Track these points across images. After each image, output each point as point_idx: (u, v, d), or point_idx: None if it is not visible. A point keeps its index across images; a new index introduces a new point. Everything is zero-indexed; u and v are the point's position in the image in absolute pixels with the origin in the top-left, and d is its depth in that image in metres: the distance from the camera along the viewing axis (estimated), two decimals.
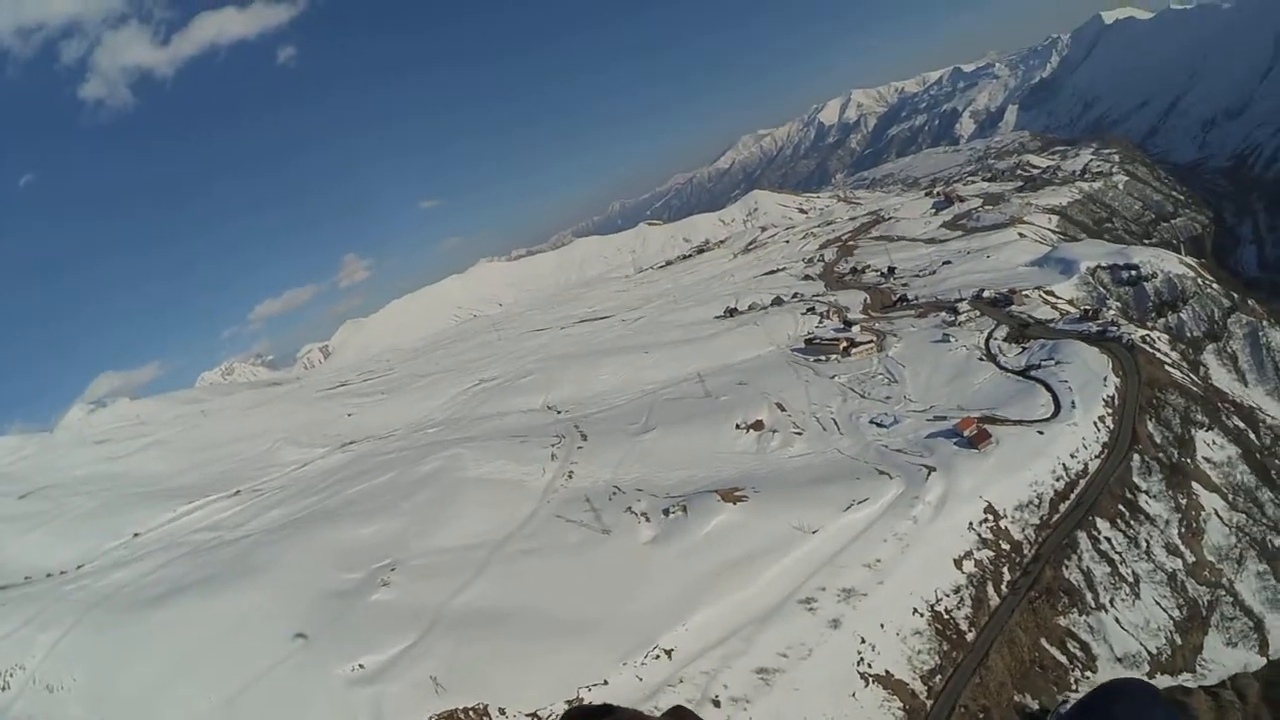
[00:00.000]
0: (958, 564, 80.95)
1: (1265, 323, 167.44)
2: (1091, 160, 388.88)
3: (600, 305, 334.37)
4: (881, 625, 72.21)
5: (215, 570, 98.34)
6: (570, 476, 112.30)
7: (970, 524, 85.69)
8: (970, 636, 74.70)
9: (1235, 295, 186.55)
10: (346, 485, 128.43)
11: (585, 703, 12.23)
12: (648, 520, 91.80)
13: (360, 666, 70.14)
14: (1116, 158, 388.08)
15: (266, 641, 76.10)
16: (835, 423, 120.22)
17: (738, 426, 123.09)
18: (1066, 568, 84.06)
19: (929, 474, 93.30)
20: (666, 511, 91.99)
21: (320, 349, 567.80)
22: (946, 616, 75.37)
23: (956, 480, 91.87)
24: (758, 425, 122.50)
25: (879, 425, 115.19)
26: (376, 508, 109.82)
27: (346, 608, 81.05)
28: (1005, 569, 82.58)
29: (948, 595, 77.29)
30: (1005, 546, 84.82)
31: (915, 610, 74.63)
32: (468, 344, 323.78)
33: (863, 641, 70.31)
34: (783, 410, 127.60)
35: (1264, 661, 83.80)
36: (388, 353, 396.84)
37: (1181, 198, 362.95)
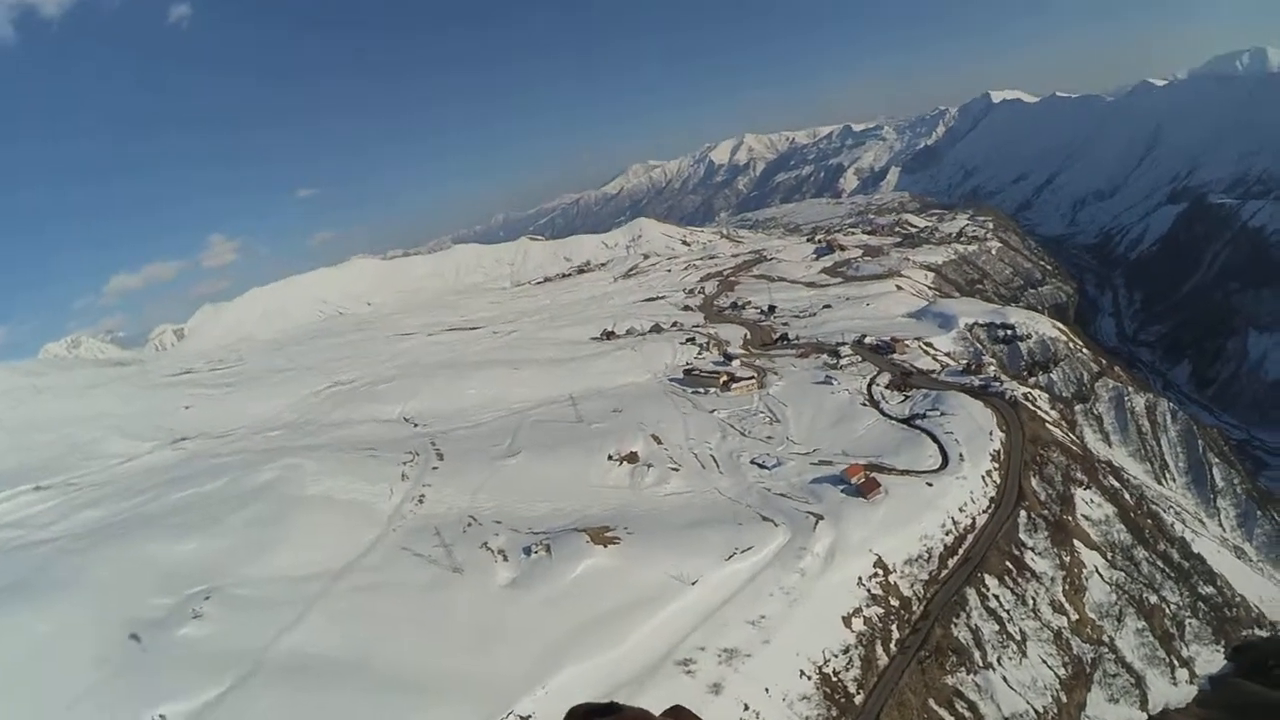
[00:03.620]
0: (847, 622, 79.13)
1: (1129, 388, 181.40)
2: (967, 225, 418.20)
3: (473, 315, 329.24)
4: (766, 690, 68.68)
5: (8, 580, 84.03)
6: (421, 501, 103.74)
7: (860, 579, 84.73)
8: (859, 700, 72.66)
9: (1103, 361, 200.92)
10: (171, 489, 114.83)
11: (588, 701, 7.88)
12: (506, 559, 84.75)
13: (161, 717, 59.73)
14: (991, 225, 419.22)
15: (58, 678, 65.36)
16: (715, 460, 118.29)
17: (610, 458, 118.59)
18: (955, 625, 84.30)
19: (816, 523, 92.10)
20: (528, 550, 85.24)
21: (175, 331, 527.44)
22: (835, 679, 72.82)
23: (846, 531, 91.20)
24: (632, 457, 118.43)
25: (761, 466, 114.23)
26: (200, 520, 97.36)
27: (151, 641, 70.37)
28: (894, 627, 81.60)
29: (836, 656, 74.92)
30: (895, 603, 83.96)
31: (802, 673, 71.65)
32: (328, 341, 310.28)
33: (746, 709, 66.39)
34: (659, 443, 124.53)
35: (1145, 717, 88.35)
36: (242, 342, 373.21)
37: (1049, 267, 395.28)
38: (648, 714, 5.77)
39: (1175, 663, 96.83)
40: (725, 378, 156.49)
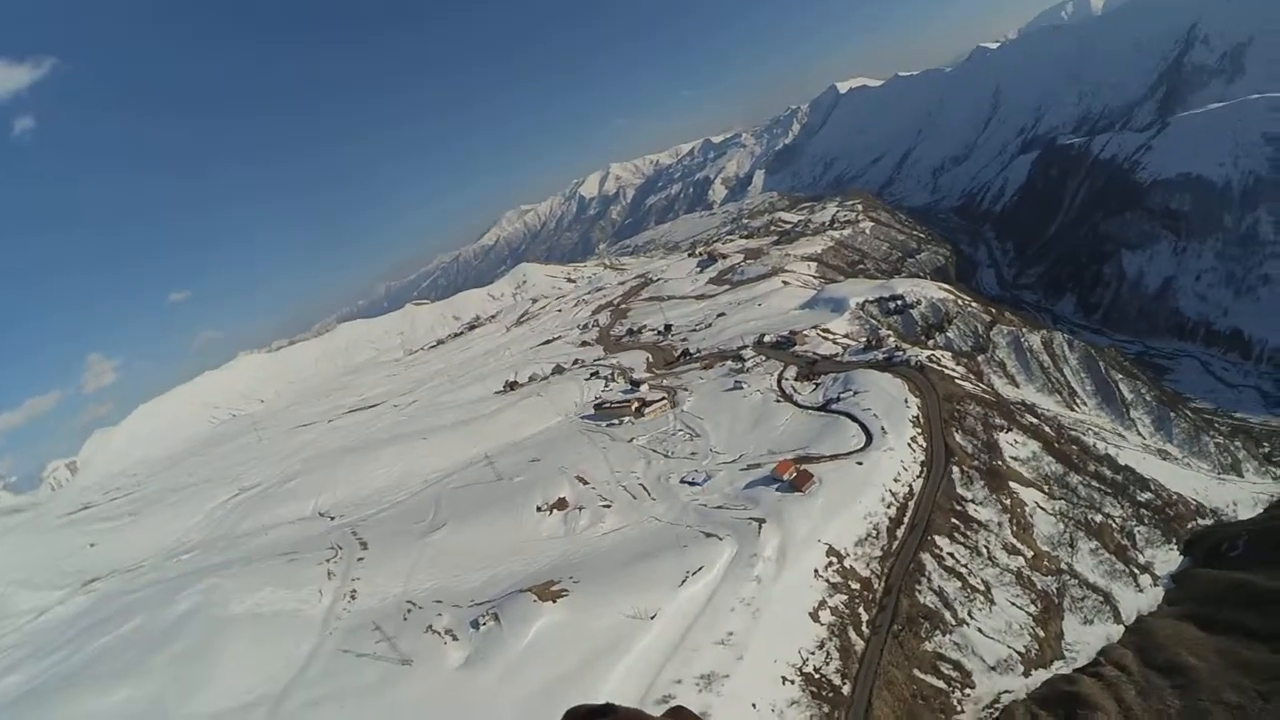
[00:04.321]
0: (814, 616, 78.28)
1: (1023, 330, 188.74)
2: (838, 212, 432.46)
3: (370, 392, 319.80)
4: (754, 705, 66.90)
5: None
6: (353, 597, 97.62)
7: (816, 571, 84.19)
8: (846, 690, 71.58)
9: (992, 310, 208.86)
10: (89, 638, 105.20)
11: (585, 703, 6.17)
12: (455, 639, 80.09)
13: None
14: (860, 207, 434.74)
15: None
16: (645, 488, 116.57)
17: (539, 509, 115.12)
18: (919, 592, 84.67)
19: (760, 527, 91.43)
20: (475, 624, 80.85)
21: (68, 465, 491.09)
22: (818, 676, 71.48)
23: (790, 528, 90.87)
24: (561, 504, 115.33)
25: (692, 484, 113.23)
26: (125, 666, 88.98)
27: None
28: (862, 609, 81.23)
29: (813, 653, 73.80)
30: (856, 586, 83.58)
31: (784, 679, 70.16)
32: (226, 447, 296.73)
33: None
34: (585, 484, 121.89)
35: (1122, 630, 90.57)
36: (138, 465, 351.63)
37: (923, 236, 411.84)
38: (645, 714, 5.70)
39: (1135, 571, 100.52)
40: (637, 404, 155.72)
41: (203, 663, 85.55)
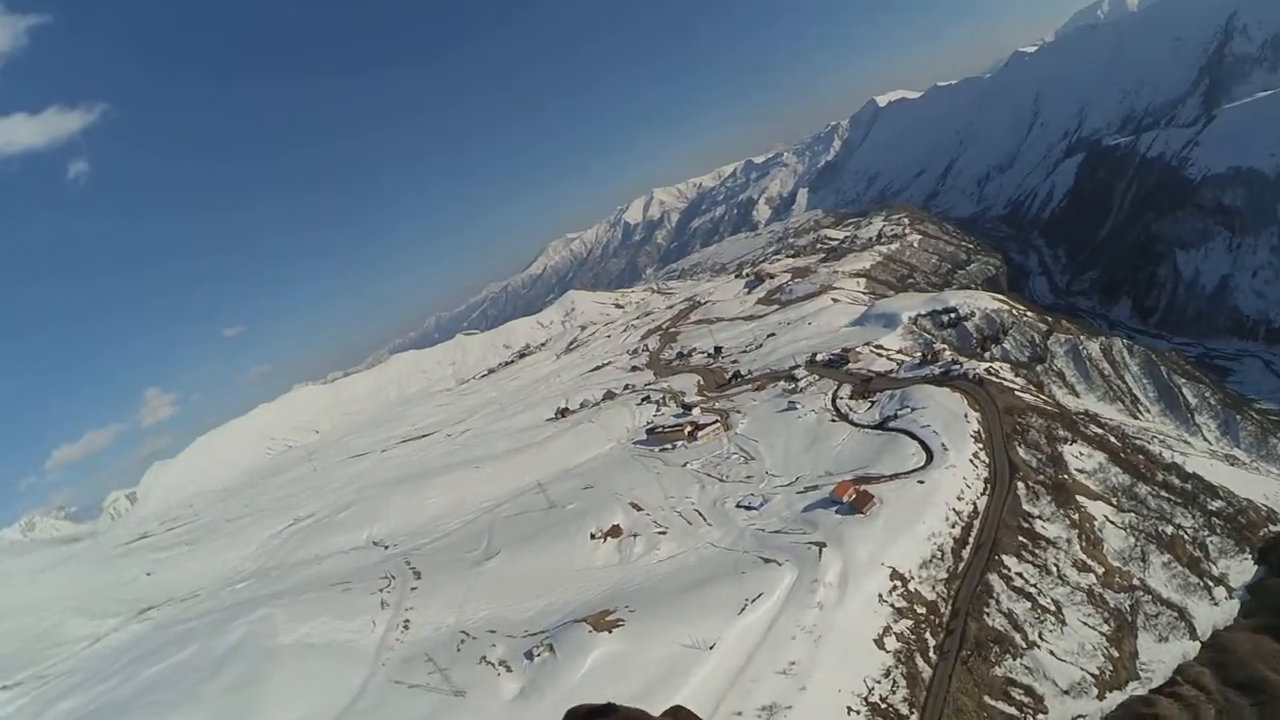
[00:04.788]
0: (879, 644, 75.52)
1: (1081, 337, 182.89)
2: (884, 226, 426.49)
3: (423, 422, 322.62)
4: None
5: None
6: (406, 627, 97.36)
7: (880, 596, 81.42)
8: (915, 719, 67.61)
9: (1048, 319, 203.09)
10: (142, 666, 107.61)
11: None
12: (509, 670, 79.11)
13: None
14: (906, 221, 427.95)
15: None
16: (700, 514, 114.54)
17: (593, 536, 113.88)
18: (988, 615, 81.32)
19: (820, 551, 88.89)
20: (530, 655, 79.80)
21: (127, 496, 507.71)
22: (884, 705, 68.94)
23: (851, 551, 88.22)
24: (615, 531, 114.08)
25: (748, 508, 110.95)
26: (176, 696, 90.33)
27: None
28: (929, 634, 78.24)
29: (879, 681, 71.15)
30: (921, 610, 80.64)
31: (850, 709, 67.78)
32: (282, 478, 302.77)
33: None
34: (639, 510, 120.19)
35: (1199, 646, 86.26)
36: (195, 496, 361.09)
37: (971, 246, 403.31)
38: (645, 714, 5.69)
39: (1209, 583, 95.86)
40: (689, 428, 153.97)
41: (253, 693, 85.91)
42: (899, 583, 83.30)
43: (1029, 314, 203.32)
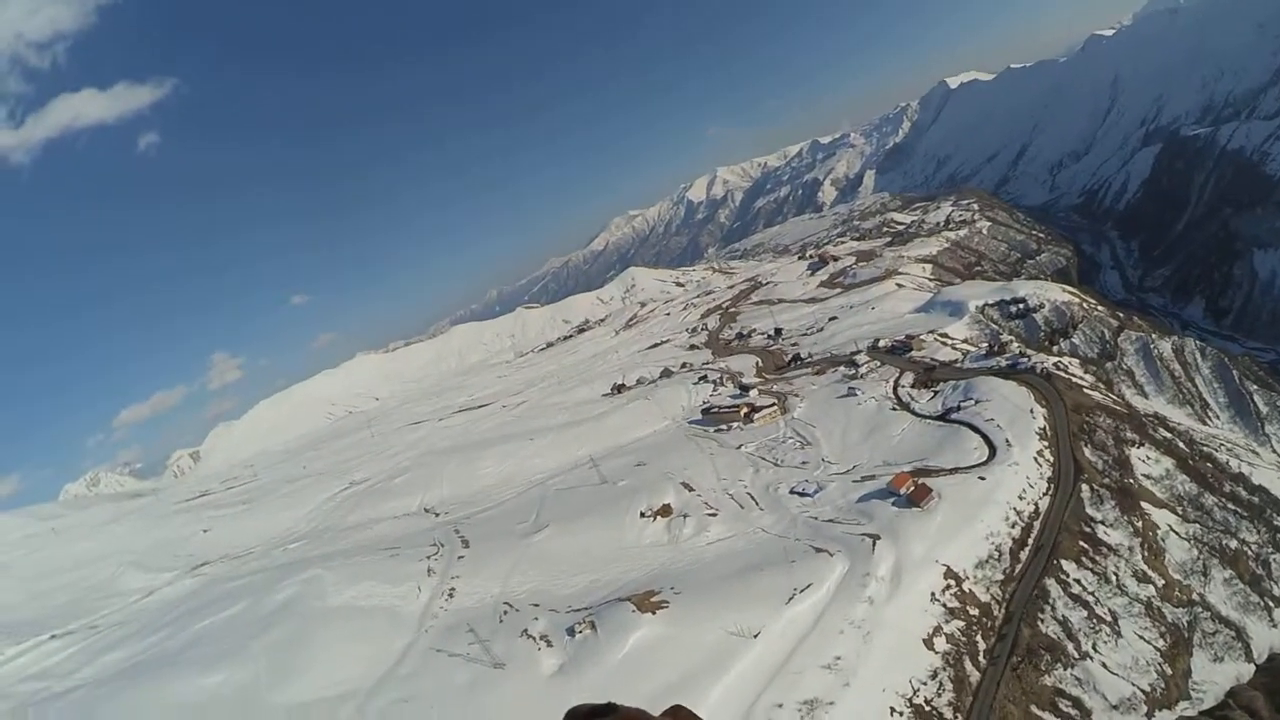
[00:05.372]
0: (928, 644, 73.68)
1: (1153, 336, 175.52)
2: (952, 212, 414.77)
3: (480, 393, 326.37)
4: None
5: None
6: (451, 595, 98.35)
7: (932, 594, 79.34)
8: None
9: (1119, 315, 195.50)
10: (192, 620, 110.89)
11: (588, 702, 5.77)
12: (549, 645, 79.32)
13: None
14: (976, 207, 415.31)
15: None
16: (752, 498, 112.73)
17: (643, 515, 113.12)
18: (1042, 621, 78.68)
19: (874, 544, 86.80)
20: (572, 631, 79.86)
21: (190, 455, 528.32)
22: (929, 709, 67.41)
23: (906, 546, 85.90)
24: (665, 511, 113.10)
25: (802, 495, 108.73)
26: (223, 650, 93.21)
27: None
28: (979, 637, 76.07)
29: (925, 683, 69.51)
30: (974, 612, 78.36)
31: (893, 710, 66.47)
32: (340, 443, 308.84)
33: None
34: (691, 490, 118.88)
35: (1253, 669, 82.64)
36: (257, 457, 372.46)
37: (1042, 235, 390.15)
38: (645, 713, 5.58)
39: (1270, 604, 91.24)
40: (746, 409, 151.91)
41: (298, 652, 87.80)
42: (953, 582, 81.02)
43: (1100, 308, 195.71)
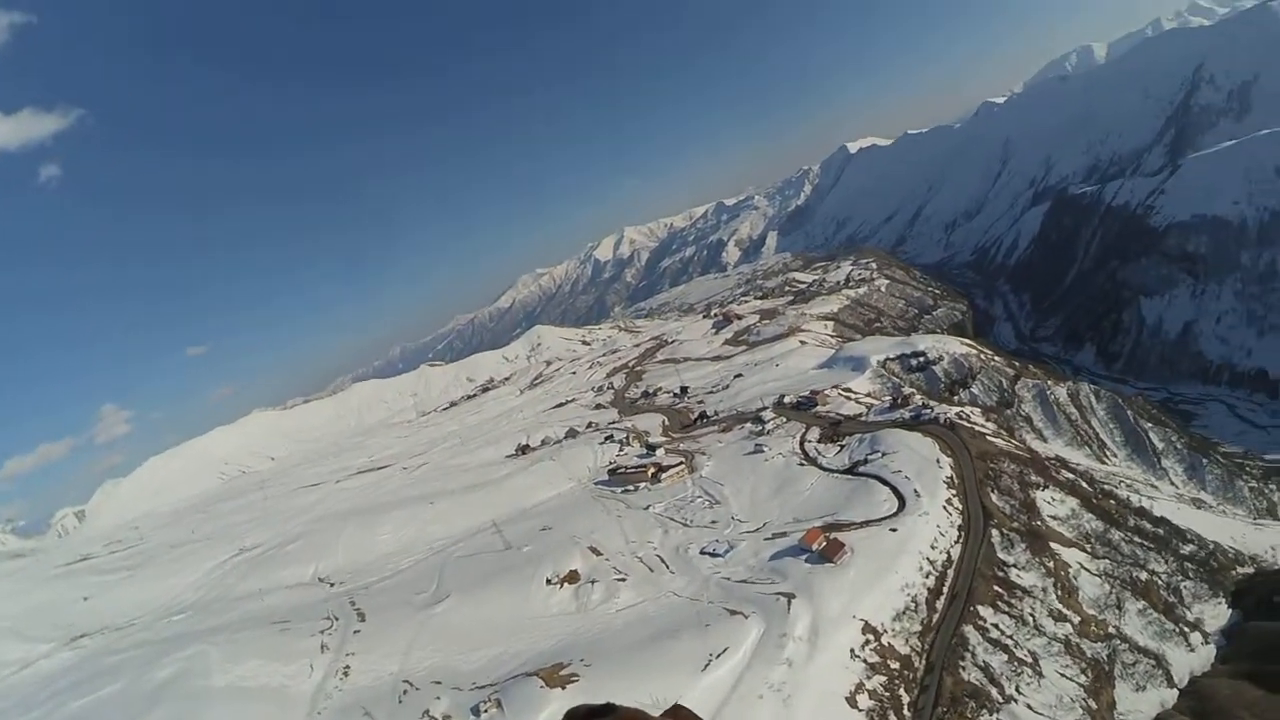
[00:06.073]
0: (851, 702, 71.63)
1: (1049, 383, 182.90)
2: (852, 270, 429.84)
3: (380, 454, 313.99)
4: None
5: None
6: (346, 673, 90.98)
7: (852, 650, 77.53)
8: None
9: (1015, 364, 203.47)
10: (70, 697, 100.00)
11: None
12: None
13: None
14: (874, 265, 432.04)
15: None
16: (662, 560, 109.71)
17: (549, 582, 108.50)
18: (963, 668, 77.87)
19: (789, 603, 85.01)
20: (476, 711, 74.34)
21: (76, 514, 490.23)
22: None
23: (822, 604, 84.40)
24: (572, 577, 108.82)
25: (713, 555, 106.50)
26: None
27: None
28: (903, 690, 74.55)
29: None
30: (895, 665, 76.89)
31: None
32: (231, 505, 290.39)
33: None
34: (598, 554, 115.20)
35: (1176, 694, 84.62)
36: (144, 518, 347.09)
37: (939, 291, 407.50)
38: (644, 714, 5.63)
39: (1185, 629, 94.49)
40: (653, 469, 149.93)
41: None
42: (872, 636, 79.58)
43: (996, 359, 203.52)
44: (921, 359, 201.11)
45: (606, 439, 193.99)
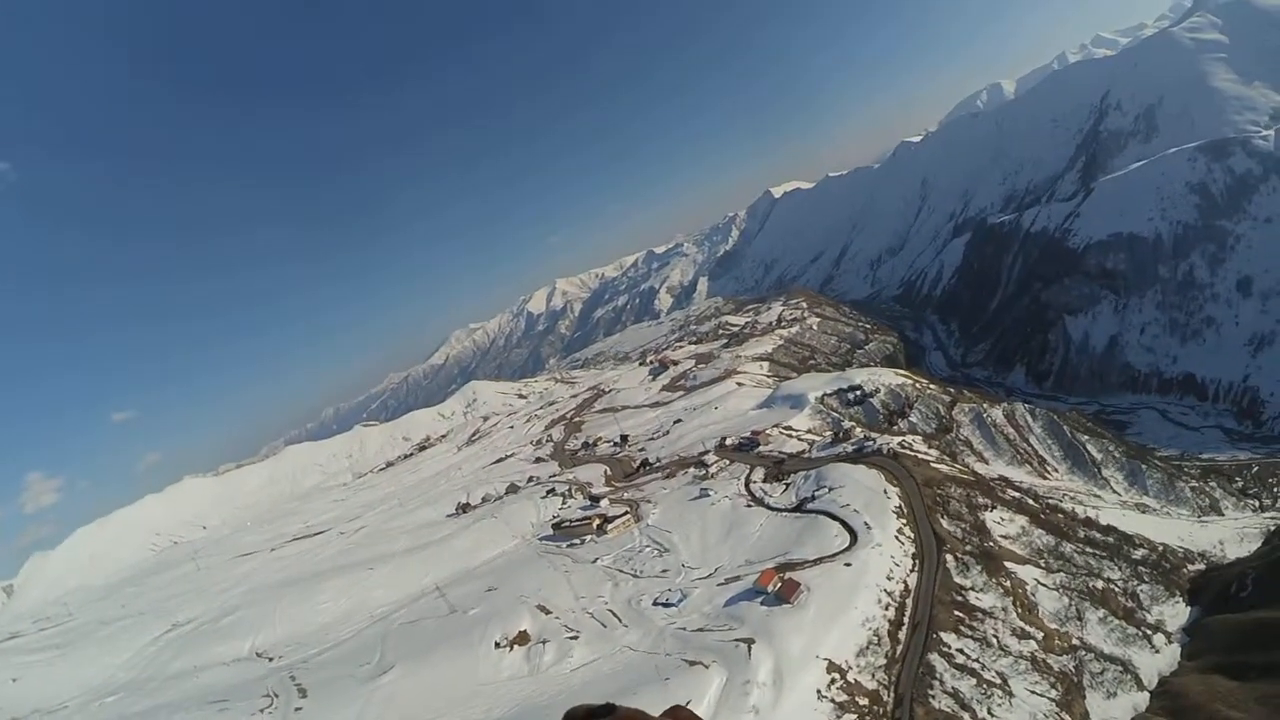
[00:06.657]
0: None
1: (985, 405, 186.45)
2: (783, 311, 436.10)
3: (316, 519, 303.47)
4: None
5: None
6: None
7: (819, 691, 76.13)
8: None
9: (950, 390, 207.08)
10: None
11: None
12: None
13: None
14: (804, 305, 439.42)
15: None
16: (614, 614, 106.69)
17: (498, 645, 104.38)
18: (933, 697, 77.13)
19: (749, 648, 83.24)
20: None
21: (4, 588, 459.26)
22: None
23: (783, 646, 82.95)
24: (522, 638, 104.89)
25: (667, 605, 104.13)
26: None
27: None
28: None
29: None
30: (864, 702, 75.39)
31: None
32: (164, 577, 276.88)
33: None
34: (548, 613, 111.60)
35: (1148, 696, 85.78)
36: (73, 593, 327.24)
37: (869, 326, 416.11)
38: (643, 714, 5.67)
39: (1148, 632, 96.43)
40: (598, 521, 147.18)
41: None
42: (837, 675, 78.08)
43: (931, 387, 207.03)
44: (859, 392, 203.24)
45: (549, 493, 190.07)
